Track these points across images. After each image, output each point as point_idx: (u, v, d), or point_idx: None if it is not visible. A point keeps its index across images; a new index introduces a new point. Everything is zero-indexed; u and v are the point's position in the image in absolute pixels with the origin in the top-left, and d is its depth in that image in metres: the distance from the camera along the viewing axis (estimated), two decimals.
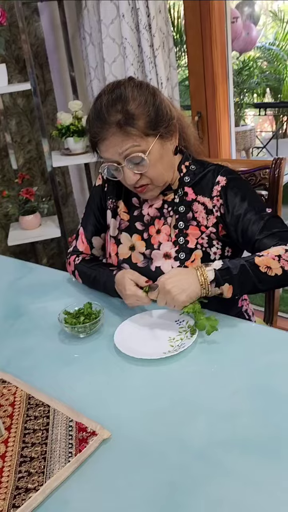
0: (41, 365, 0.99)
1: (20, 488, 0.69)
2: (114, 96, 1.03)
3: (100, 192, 1.29)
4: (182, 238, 1.14)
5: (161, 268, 1.15)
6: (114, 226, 1.24)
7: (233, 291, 1.00)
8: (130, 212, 1.22)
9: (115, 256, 1.22)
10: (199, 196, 1.14)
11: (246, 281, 0.99)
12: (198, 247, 1.13)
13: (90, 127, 1.07)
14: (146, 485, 0.68)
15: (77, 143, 2.30)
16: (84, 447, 0.75)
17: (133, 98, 1.03)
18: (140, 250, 1.19)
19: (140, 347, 0.99)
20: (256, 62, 5.05)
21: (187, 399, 0.84)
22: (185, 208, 1.15)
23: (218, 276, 0.98)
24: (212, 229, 1.13)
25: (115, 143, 1.03)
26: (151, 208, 1.18)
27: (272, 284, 1.02)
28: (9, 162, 2.53)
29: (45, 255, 2.86)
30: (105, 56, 2.13)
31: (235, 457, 0.70)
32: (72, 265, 1.30)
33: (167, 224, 1.16)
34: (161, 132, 1.06)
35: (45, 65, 2.58)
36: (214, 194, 1.13)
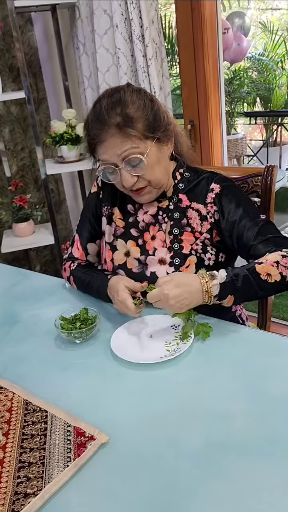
0: (38, 371, 0.99)
1: (19, 493, 0.69)
2: (113, 100, 1.05)
3: (95, 199, 1.30)
4: (177, 244, 1.15)
5: (156, 274, 1.15)
6: (110, 233, 1.25)
7: (234, 301, 1.02)
8: (125, 218, 1.23)
9: (110, 262, 1.23)
10: (193, 202, 1.16)
11: (248, 291, 1.00)
12: (192, 253, 1.14)
13: (89, 129, 1.08)
14: (145, 489, 0.68)
15: (71, 151, 2.32)
16: (83, 451, 0.75)
17: (132, 102, 1.05)
18: (135, 256, 1.20)
19: (137, 351, 1.00)
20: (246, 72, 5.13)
21: (184, 402, 0.85)
22: (179, 214, 1.16)
23: (222, 290, 0.99)
24: (206, 235, 1.15)
25: (114, 145, 1.04)
26: (146, 215, 1.20)
27: (272, 291, 1.04)
28: (3, 170, 2.53)
29: (38, 262, 2.86)
30: (99, 66, 2.15)
31: (232, 460, 0.71)
32: (67, 271, 1.30)
33: (162, 231, 1.18)
34: (159, 136, 1.08)
35: (38, 74, 2.60)
36: (208, 201, 1.14)
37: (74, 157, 2.35)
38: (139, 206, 1.21)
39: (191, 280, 1.00)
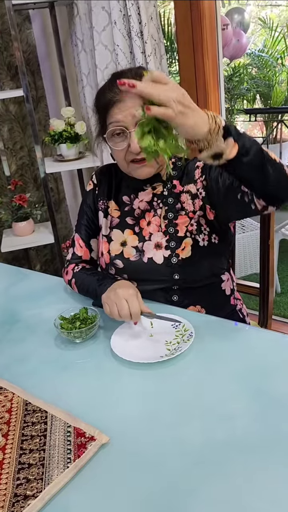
0: (38, 371, 0.99)
1: (19, 496, 0.68)
2: (135, 72, 1.11)
3: (91, 195, 1.31)
4: (172, 228, 1.17)
5: (153, 259, 1.17)
6: (106, 225, 1.27)
7: (238, 152, 0.83)
8: (120, 208, 1.25)
9: (107, 254, 1.24)
10: (185, 186, 1.18)
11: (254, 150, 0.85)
12: (187, 235, 1.16)
13: (105, 90, 1.10)
14: (146, 489, 0.68)
15: (70, 149, 2.30)
16: (83, 452, 0.74)
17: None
18: (133, 244, 1.21)
19: (137, 351, 0.99)
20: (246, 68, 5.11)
21: (185, 402, 0.84)
22: (173, 199, 1.19)
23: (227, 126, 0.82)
24: (199, 213, 1.16)
25: (131, 105, 1.05)
26: (141, 202, 1.22)
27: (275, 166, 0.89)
28: (2, 169, 2.52)
29: (38, 261, 2.85)
30: (98, 63, 2.14)
31: (233, 459, 0.71)
32: (70, 274, 1.29)
33: (157, 216, 1.19)
34: None
35: (37, 72, 2.59)
36: (197, 177, 1.16)
37: (74, 155, 2.34)
38: (134, 196, 1.23)
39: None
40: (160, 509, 0.65)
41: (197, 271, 1.15)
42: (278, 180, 0.91)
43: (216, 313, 1.14)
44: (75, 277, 1.26)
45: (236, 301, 1.29)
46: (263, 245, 1.42)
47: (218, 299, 1.22)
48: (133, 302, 1.02)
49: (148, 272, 1.16)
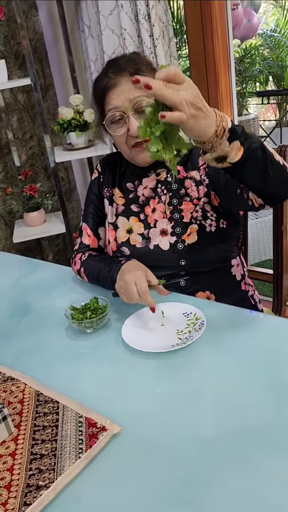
0: (49, 361, 0.99)
1: (31, 486, 0.69)
2: (129, 57, 1.16)
3: (96, 183, 1.32)
4: (177, 214, 1.17)
5: (159, 246, 1.17)
6: (112, 213, 1.27)
7: (243, 157, 0.81)
8: (125, 195, 1.25)
9: (114, 241, 1.24)
10: (189, 172, 1.18)
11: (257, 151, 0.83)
12: (193, 221, 1.15)
13: (101, 77, 1.14)
14: (158, 479, 0.67)
15: (79, 137, 2.29)
16: (95, 442, 0.74)
17: (144, 64, 1.14)
18: (138, 232, 1.21)
19: (148, 340, 0.98)
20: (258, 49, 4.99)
21: (197, 391, 0.83)
22: (177, 185, 1.18)
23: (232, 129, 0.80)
24: (204, 199, 1.15)
25: (127, 90, 1.08)
26: (146, 189, 1.22)
27: (279, 170, 0.88)
28: (12, 159, 2.52)
29: (51, 251, 2.86)
30: (105, 48, 2.10)
31: (247, 449, 0.70)
32: (78, 263, 1.28)
33: (161, 202, 1.19)
34: None
35: (44, 60, 2.56)
36: (200, 163, 1.16)
37: (83, 143, 2.32)
38: (138, 183, 1.23)
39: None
40: (173, 499, 0.64)
41: (204, 256, 1.14)
42: (280, 183, 0.89)
43: (226, 298, 1.12)
44: (83, 266, 1.26)
45: (248, 287, 1.28)
46: (276, 231, 1.39)
47: (228, 285, 1.20)
48: (140, 283, 0.99)
49: (155, 259, 1.15)
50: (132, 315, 1.07)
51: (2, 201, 2.55)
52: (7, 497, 0.68)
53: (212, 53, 2.07)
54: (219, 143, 0.79)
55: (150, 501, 0.64)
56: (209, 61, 2.09)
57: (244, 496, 0.63)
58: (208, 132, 0.77)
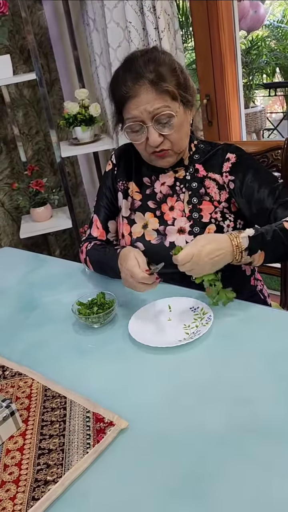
0: (56, 356, 0.99)
1: (39, 481, 0.69)
2: (148, 57, 1.06)
3: (110, 176, 1.30)
4: (196, 213, 1.15)
5: (175, 243, 1.16)
6: (126, 207, 1.25)
7: (265, 257, 0.99)
8: (142, 191, 1.23)
9: (128, 236, 1.23)
10: (210, 173, 1.16)
11: (278, 246, 0.99)
12: (212, 221, 1.15)
13: (119, 83, 1.06)
14: (166, 474, 0.67)
15: (85, 132, 2.28)
16: (102, 437, 0.74)
17: (165, 62, 1.06)
18: (154, 227, 1.20)
19: (155, 335, 0.98)
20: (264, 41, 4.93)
21: (205, 386, 0.82)
22: (197, 184, 1.17)
23: (251, 243, 0.97)
24: (224, 204, 1.15)
25: (146, 101, 1.04)
26: (163, 186, 1.20)
27: None
28: (18, 155, 2.52)
29: (57, 246, 2.86)
30: (110, 42, 2.09)
31: (255, 443, 0.69)
32: (84, 252, 1.30)
33: (180, 201, 1.18)
34: (187, 98, 1.09)
35: (49, 54, 2.55)
36: (224, 170, 1.15)
37: (89, 138, 2.32)
38: (155, 178, 1.21)
39: (220, 236, 0.99)
40: (180, 493, 0.64)
41: None
42: None
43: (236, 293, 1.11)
44: (88, 254, 1.27)
45: (257, 282, 1.27)
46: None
47: (238, 280, 1.19)
48: (135, 274, 1.00)
49: (169, 256, 1.13)
50: (139, 310, 1.06)
51: (8, 197, 2.55)
52: (16, 492, 0.68)
53: (218, 45, 2.05)
54: (240, 261, 0.98)
55: (158, 495, 0.64)
56: (215, 53, 2.07)
57: (251, 490, 0.62)
58: (230, 261, 0.98)
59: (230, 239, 0.97)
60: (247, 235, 0.97)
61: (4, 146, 2.49)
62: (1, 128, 2.46)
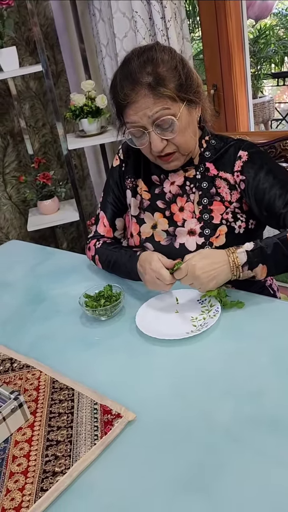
0: (64, 349, 0.99)
1: (48, 472, 0.70)
2: (144, 58, 1.00)
3: (118, 172, 1.26)
4: (207, 214, 1.12)
5: (185, 245, 1.13)
6: (135, 205, 1.22)
7: (268, 271, 0.98)
8: (150, 190, 1.20)
9: (137, 235, 1.20)
10: (221, 172, 1.12)
11: (281, 260, 0.97)
12: (223, 222, 1.11)
13: (117, 90, 1.03)
14: (173, 465, 0.67)
15: (92, 124, 2.27)
16: (110, 429, 0.74)
17: (164, 61, 1.01)
18: (163, 228, 1.17)
19: (163, 328, 0.98)
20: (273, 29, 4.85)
21: (212, 378, 0.82)
22: (208, 184, 1.13)
23: (250, 258, 0.96)
24: (236, 205, 1.12)
25: (145, 105, 1.00)
26: (172, 186, 1.16)
27: None
28: (25, 147, 2.51)
29: (65, 239, 2.87)
30: (116, 32, 2.07)
31: (263, 436, 0.69)
32: (92, 249, 1.27)
33: (190, 201, 1.14)
34: (190, 98, 1.04)
35: (55, 46, 2.54)
36: (236, 169, 1.10)
37: (95, 130, 2.30)
38: (164, 177, 1.18)
39: (217, 252, 0.98)
40: (188, 485, 0.64)
41: None
42: None
43: (245, 289, 1.10)
44: (98, 253, 1.25)
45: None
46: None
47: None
48: (164, 276, 0.99)
49: (179, 258, 1.12)
50: (146, 302, 1.06)
51: (16, 190, 2.56)
52: (24, 483, 0.68)
53: (226, 34, 2.02)
54: (241, 276, 0.97)
55: (165, 487, 0.65)
56: (222, 43, 2.04)
57: (258, 483, 0.62)
58: (230, 277, 0.97)
59: (227, 254, 0.96)
60: (244, 250, 0.96)
61: (11, 139, 2.49)
62: (8, 121, 2.46)
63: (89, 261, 1.34)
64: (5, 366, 0.96)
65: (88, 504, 0.65)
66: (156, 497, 0.63)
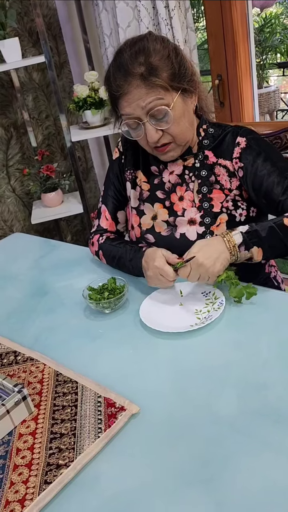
0: (68, 342, 0.99)
1: (52, 465, 0.70)
2: (136, 49, 0.99)
3: (117, 165, 1.26)
4: (207, 203, 1.12)
5: (186, 235, 1.13)
6: (135, 197, 1.22)
7: (263, 253, 0.98)
8: (150, 181, 1.20)
9: (138, 227, 1.20)
10: (220, 159, 1.12)
11: (276, 243, 0.98)
12: (223, 211, 1.11)
13: (110, 82, 1.03)
14: (177, 459, 0.67)
15: (95, 115, 2.25)
16: (113, 422, 0.74)
17: (156, 50, 0.99)
18: (163, 218, 1.17)
19: (166, 320, 0.97)
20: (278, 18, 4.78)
21: (216, 371, 0.82)
22: (207, 172, 1.12)
23: (245, 239, 0.97)
24: (236, 192, 1.11)
25: (138, 96, 1.00)
26: (171, 175, 1.16)
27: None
28: (28, 140, 2.51)
29: (69, 232, 2.86)
30: (119, 22, 2.05)
31: (267, 429, 0.69)
32: (95, 245, 1.27)
33: (189, 190, 1.14)
34: (184, 87, 1.03)
35: (58, 36, 2.52)
36: (235, 155, 1.10)
37: (99, 122, 2.29)
38: (163, 167, 1.17)
39: (211, 239, 1.00)
40: (192, 478, 0.64)
41: None
42: None
43: (249, 281, 1.10)
44: (102, 248, 1.24)
45: (270, 268, 1.25)
46: None
47: (252, 268, 1.17)
48: (167, 272, 0.99)
49: (180, 248, 1.11)
50: (150, 295, 1.06)
51: (19, 182, 2.55)
52: (28, 475, 0.69)
53: (231, 23, 1.99)
54: (238, 257, 0.98)
55: (169, 480, 0.64)
56: (227, 32, 2.01)
57: (262, 475, 0.62)
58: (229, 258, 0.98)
59: (221, 236, 0.98)
60: (239, 232, 0.97)
61: (14, 131, 2.48)
62: (11, 113, 2.45)
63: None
64: (9, 359, 0.96)
65: (92, 496, 0.65)
66: (160, 490, 0.63)
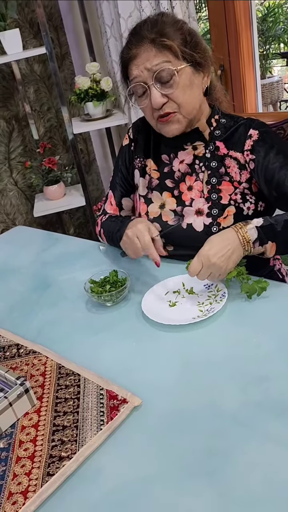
0: (70, 334, 0.99)
1: (54, 457, 0.70)
2: (153, 20, 1.04)
3: (127, 151, 1.26)
4: (215, 194, 1.11)
5: (192, 225, 1.12)
6: (143, 185, 1.22)
7: (277, 249, 0.97)
8: (159, 169, 1.20)
9: (145, 215, 1.21)
10: (231, 151, 1.11)
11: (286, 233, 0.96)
12: (231, 203, 1.10)
13: (124, 48, 1.06)
14: (179, 451, 0.67)
15: (97, 107, 2.24)
16: (116, 414, 0.74)
17: (169, 22, 1.03)
18: (171, 208, 1.17)
19: (168, 313, 0.97)
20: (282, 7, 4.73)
21: (219, 364, 0.82)
22: (217, 163, 1.11)
23: (261, 234, 0.96)
24: (245, 185, 1.10)
25: (146, 58, 1.01)
26: (181, 164, 1.15)
27: None
28: (30, 132, 2.50)
29: (71, 225, 2.86)
30: (121, 12, 2.02)
31: (270, 422, 0.69)
32: (99, 224, 1.29)
33: (199, 180, 1.13)
34: (196, 59, 1.04)
35: (59, 28, 2.49)
36: (246, 148, 1.09)
37: (101, 113, 2.28)
38: (174, 156, 1.17)
39: (225, 233, 0.98)
40: (194, 470, 0.64)
41: None
42: None
43: (253, 274, 1.09)
44: (103, 227, 1.26)
45: (275, 261, 1.24)
46: None
47: (256, 261, 1.16)
48: (142, 236, 1.01)
49: (186, 238, 1.11)
50: (152, 287, 1.06)
51: (21, 175, 2.55)
52: (31, 468, 0.69)
53: (233, 13, 1.97)
54: (252, 251, 0.97)
55: (171, 472, 0.65)
56: (229, 21, 1.99)
57: (265, 468, 0.62)
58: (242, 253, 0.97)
59: (235, 230, 0.96)
60: (254, 226, 0.96)
61: (16, 124, 2.47)
62: (13, 106, 2.44)
63: (96, 247, 1.34)
64: (11, 352, 0.96)
65: (94, 489, 0.65)
66: (162, 482, 0.64)
